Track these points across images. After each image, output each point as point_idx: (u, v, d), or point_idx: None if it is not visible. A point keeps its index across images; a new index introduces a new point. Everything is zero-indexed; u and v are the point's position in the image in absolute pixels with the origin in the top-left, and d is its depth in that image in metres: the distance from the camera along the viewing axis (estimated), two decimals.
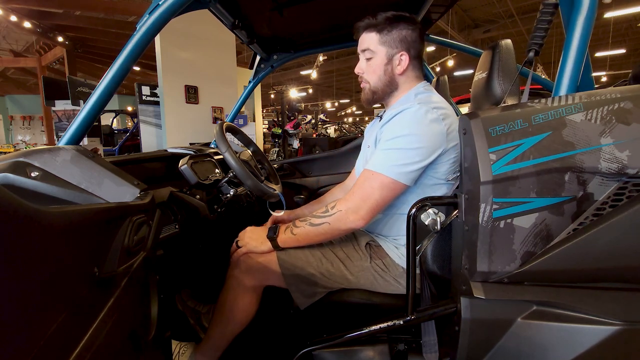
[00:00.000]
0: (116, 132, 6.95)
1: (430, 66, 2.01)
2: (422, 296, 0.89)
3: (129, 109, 8.50)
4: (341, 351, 0.92)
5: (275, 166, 1.79)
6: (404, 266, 0.99)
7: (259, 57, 1.82)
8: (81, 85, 4.22)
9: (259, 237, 1.05)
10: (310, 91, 16.58)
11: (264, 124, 9.60)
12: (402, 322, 0.81)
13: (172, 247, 1.11)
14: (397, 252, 1.02)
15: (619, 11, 7.80)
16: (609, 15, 8.10)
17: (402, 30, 1.01)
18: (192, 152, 1.50)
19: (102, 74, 0.85)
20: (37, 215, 0.37)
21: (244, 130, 1.47)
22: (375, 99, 1.08)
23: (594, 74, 0.83)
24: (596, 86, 0.80)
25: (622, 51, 11.61)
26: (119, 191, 0.72)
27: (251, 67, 1.87)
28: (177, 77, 4.43)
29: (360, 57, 1.08)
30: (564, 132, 0.64)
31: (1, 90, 12.97)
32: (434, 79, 1.64)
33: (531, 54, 0.78)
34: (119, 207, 0.63)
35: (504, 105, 0.79)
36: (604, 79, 12.61)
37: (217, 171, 1.39)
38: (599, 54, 11.22)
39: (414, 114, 0.91)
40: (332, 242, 1.07)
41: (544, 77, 1.68)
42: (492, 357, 0.70)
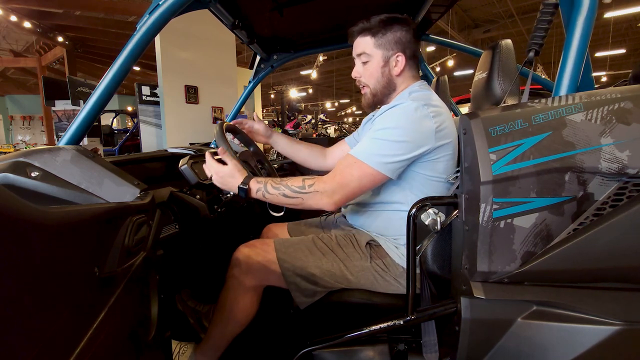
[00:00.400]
0: (116, 132, 6.95)
1: (430, 66, 2.01)
2: (422, 296, 0.89)
3: (129, 109, 8.49)
4: (341, 351, 0.92)
5: (275, 166, 1.80)
6: (404, 266, 0.99)
7: (259, 57, 1.82)
8: (81, 85, 4.22)
9: (231, 185, 1.00)
10: (310, 91, 16.59)
11: None
12: (402, 322, 0.81)
13: (172, 247, 1.11)
14: (397, 252, 1.02)
15: (619, 11, 7.80)
16: (609, 15, 8.10)
17: (396, 32, 1.02)
18: (192, 152, 1.51)
19: (102, 74, 0.85)
20: (37, 215, 0.37)
21: None
22: (375, 102, 1.10)
23: (594, 74, 0.83)
24: (596, 86, 0.80)
25: (622, 51, 11.61)
26: (119, 191, 0.72)
27: (251, 67, 1.88)
28: (177, 77, 4.42)
29: (356, 61, 1.09)
30: (564, 132, 0.64)
31: (1, 90, 12.97)
32: (434, 79, 1.64)
33: (531, 54, 0.78)
34: (119, 207, 0.63)
35: (504, 105, 0.79)
36: (604, 79, 12.60)
37: None
38: (599, 54, 11.22)
39: (404, 109, 0.93)
40: (333, 242, 1.07)
41: (544, 77, 1.68)
42: (492, 357, 0.70)
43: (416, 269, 0.83)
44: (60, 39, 8.43)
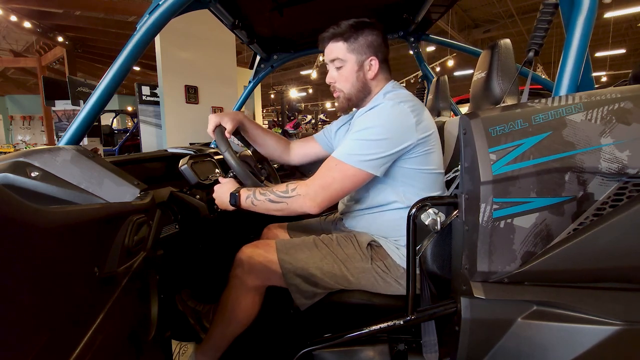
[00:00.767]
0: (116, 132, 6.95)
1: (430, 66, 2.01)
2: (422, 296, 0.89)
3: (129, 109, 8.50)
4: (341, 351, 0.92)
5: (275, 166, 1.79)
6: (405, 267, 0.99)
7: (259, 57, 1.82)
8: (81, 85, 4.22)
9: (224, 197, 1.06)
10: (310, 91, 16.58)
11: (264, 124, 9.61)
12: (402, 322, 0.81)
13: (172, 247, 1.11)
14: (398, 253, 1.02)
15: (619, 11, 7.80)
16: (609, 15, 8.10)
17: (367, 36, 1.03)
18: (192, 152, 1.50)
19: (102, 74, 0.85)
20: (37, 215, 0.37)
21: None
22: (350, 105, 1.11)
23: (594, 74, 0.83)
24: (596, 86, 0.80)
25: (622, 51, 11.61)
26: (119, 191, 0.72)
27: (251, 67, 1.88)
28: (177, 77, 4.43)
29: (329, 67, 1.10)
30: (564, 132, 0.64)
31: (1, 90, 12.98)
32: (434, 79, 1.64)
33: (531, 54, 0.78)
34: (119, 207, 0.63)
35: (504, 105, 0.79)
36: (604, 79, 12.60)
37: (217, 171, 1.39)
38: (599, 54, 11.22)
39: (382, 108, 0.95)
40: (333, 243, 1.07)
41: (544, 77, 1.68)
42: (492, 357, 0.70)
43: (416, 269, 0.83)
44: (60, 39, 8.43)
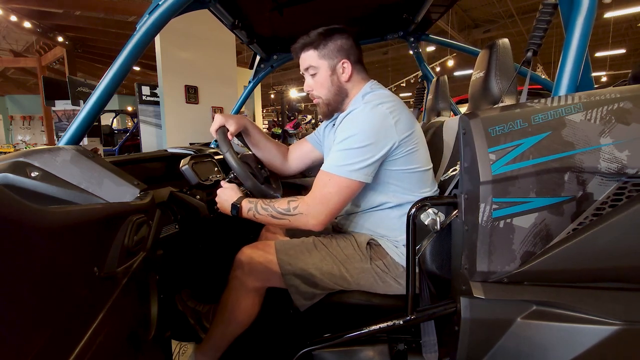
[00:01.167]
0: (116, 132, 6.95)
1: (430, 66, 2.01)
2: (422, 296, 0.89)
3: (129, 109, 8.50)
4: (341, 351, 0.92)
5: None
6: (405, 265, 0.99)
7: (259, 57, 1.82)
8: (81, 85, 4.22)
9: (226, 205, 1.07)
10: None
11: (264, 124, 9.60)
12: (401, 322, 0.81)
13: (172, 247, 1.11)
14: (396, 251, 1.03)
15: (619, 11, 7.80)
16: (609, 15, 8.09)
17: (336, 40, 1.04)
18: (192, 152, 1.50)
19: (102, 74, 0.85)
20: (37, 215, 0.37)
21: None
22: (330, 110, 1.11)
23: (594, 74, 0.83)
24: (596, 86, 0.80)
25: (622, 51, 11.60)
26: (119, 191, 0.72)
27: (251, 67, 1.88)
28: (177, 77, 4.42)
29: (305, 75, 1.11)
30: (564, 132, 0.64)
31: (1, 90, 12.97)
32: (434, 79, 1.64)
33: (530, 54, 0.78)
34: (119, 207, 0.63)
35: (503, 105, 0.79)
36: (604, 79, 12.60)
37: (217, 170, 1.39)
38: (599, 54, 11.21)
39: (360, 113, 0.96)
40: (333, 244, 1.07)
41: (543, 77, 1.68)
42: (492, 357, 0.70)
43: (416, 268, 0.82)
44: (60, 39, 8.43)
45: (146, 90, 4.65)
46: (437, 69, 10.40)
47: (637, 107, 0.63)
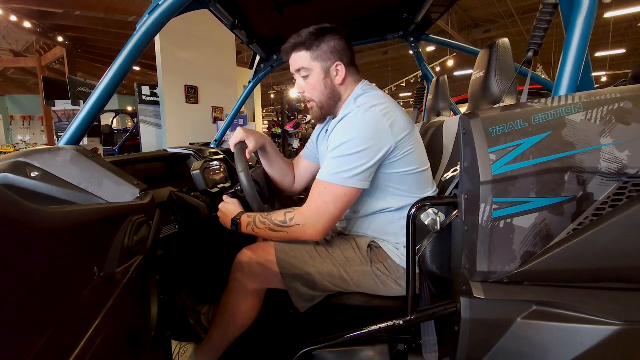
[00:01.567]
0: (116, 132, 6.95)
1: (430, 66, 2.01)
2: (422, 296, 0.89)
3: (129, 109, 8.49)
4: (341, 351, 0.92)
5: None
6: (405, 267, 0.99)
7: (259, 57, 1.82)
8: (81, 85, 4.22)
9: (227, 220, 1.08)
10: None
11: (264, 124, 9.60)
12: (402, 322, 0.81)
13: (172, 247, 1.11)
14: (397, 253, 1.02)
15: (619, 11, 7.80)
16: (609, 15, 8.09)
17: (330, 42, 1.02)
18: (192, 153, 1.51)
19: (102, 74, 0.85)
20: (37, 215, 0.37)
21: None
22: (324, 114, 1.09)
23: (594, 74, 0.83)
24: (596, 86, 0.80)
25: (622, 51, 11.60)
26: (119, 191, 0.72)
27: (251, 67, 1.88)
28: (177, 77, 4.43)
29: (296, 77, 1.09)
30: (564, 132, 0.64)
31: (1, 90, 12.97)
32: (434, 79, 1.64)
33: (530, 54, 0.78)
34: (119, 207, 0.63)
35: (503, 105, 0.79)
36: (604, 79, 12.60)
37: (224, 177, 1.40)
38: (599, 54, 11.21)
39: (353, 118, 0.93)
40: (333, 246, 1.06)
41: (544, 77, 1.68)
42: (492, 357, 0.70)
43: (416, 269, 0.82)
44: (60, 39, 8.43)
45: (146, 90, 4.65)
46: (437, 69, 10.40)
47: (637, 107, 0.63)
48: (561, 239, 0.66)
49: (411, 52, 1.89)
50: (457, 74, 12.24)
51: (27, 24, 7.44)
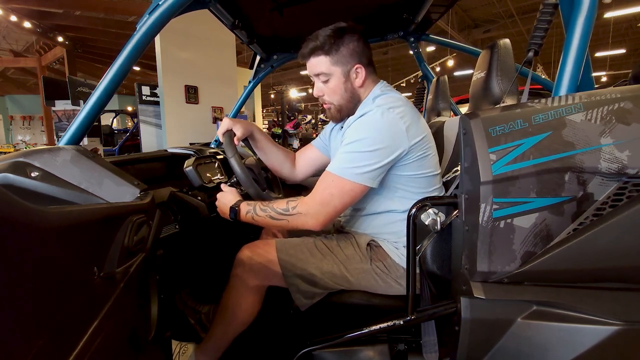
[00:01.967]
0: (116, 132, 6.95)
1: (430, 66, 2.01)
2: (422, 296, 0.89)
3: (129, 109, 8.50)
4: (341, 351, 0.92)
5: None
6: (405, 267, 0.99)
7: (259, 57, 1.82)
8: (81, 85, 4.22)
9: (225, 209, 1.06)
10: (310, 91, 16.59)
11: (264, 124, 9.60)
12: (402, 322, 0.81)
13: (172, 247, 1.11)
14: (397, 253, 1.02)
15: (619, 11, 7.80)
16: (609, 15, 8.09)
17: (348, 44, 1.00)
18: (192, 152, 1.51)
19: (102, 74, 0.85)
20: (37, 215, 0.37)
21: None
22: (342, 116, 1.09)
23: (594, 74, 0.83)
24: (596, 86, 0.80)
25: (622, 51, 11.60)
26: (119, 191, 0.72)
27: (251, 67, 1.87)
28: (177, 77, 4.43)
29: (314, 80, 1.08)
30: (564, 132, 0.64)
31: (1, 90, 12.97)
32: (434, 79, 1.64)
33: (530, 54, 0.78)
34: (119, 207, 0.63)
35: (503, 105, 0.79)
36: (604, 79, 12.60)
37: (219, 172, 1.39)
38: (599, 54, 11.21)
39: (371, 117, 0.93)
40: (333, 244, 1.07)
41: (544, 77, 1.68)
42: (492, 357, 0.70)
43: (416, 269, 0.82)
44: (60, 39, 8.43)
45: (146, 90, 4.65)
46: (437, 69, 10.40)
47: (637, 107, 0.63)
48: (561, 239, 0.66)
49: (411, 52, 1.89)
50: (457, 74, 12.25)
51: (27, 24, 7.44)
